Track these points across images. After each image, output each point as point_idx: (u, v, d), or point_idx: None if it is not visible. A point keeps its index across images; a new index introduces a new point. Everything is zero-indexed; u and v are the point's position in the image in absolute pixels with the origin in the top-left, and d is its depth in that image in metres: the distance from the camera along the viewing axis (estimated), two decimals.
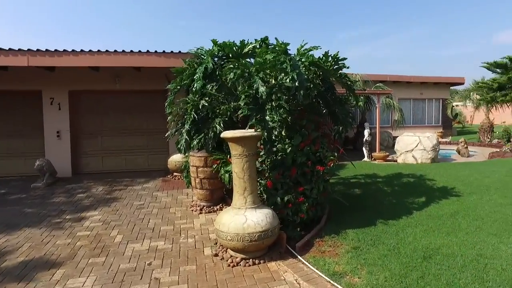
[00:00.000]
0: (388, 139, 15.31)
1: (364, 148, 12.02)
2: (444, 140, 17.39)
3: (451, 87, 19.72)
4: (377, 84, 15.16)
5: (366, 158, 11.91)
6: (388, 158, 11.47)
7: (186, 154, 5.92)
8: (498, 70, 11.64)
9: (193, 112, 4.93)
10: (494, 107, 15.28)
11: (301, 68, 4.50)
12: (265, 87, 4.22)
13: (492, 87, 11.59)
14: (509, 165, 9.50)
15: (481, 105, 15.52)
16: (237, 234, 3.90)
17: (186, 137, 4.92)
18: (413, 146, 10.55)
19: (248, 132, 4.09)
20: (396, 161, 11.14)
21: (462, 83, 18.91)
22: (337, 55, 5.02)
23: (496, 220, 5.08)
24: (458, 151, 12.25)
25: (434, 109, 19.18)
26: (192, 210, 6.07)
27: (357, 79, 14.44)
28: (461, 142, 12.18)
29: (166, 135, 5.41)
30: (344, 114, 5.25)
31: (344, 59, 5.09)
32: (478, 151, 13.50)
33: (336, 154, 4.76)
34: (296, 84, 4.24)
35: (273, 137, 4.36)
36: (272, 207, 4.53)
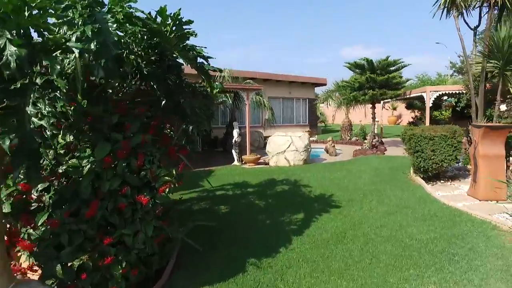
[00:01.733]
0: (259, 139, 14.48)
1: (233, 151, 10.65)
2: (312, 138, 17.71)
3: (315, 88, 20.51)
4: (247, 81, 14.17)
5: (236, 162, 10.57)
6: (259, 161, 10.36)
7: None
8: (357, 70, 11.85)
9: None
10: (352, 107, 16.12)
11: (111, 23, 2.50)
12: (16, 47, 2.04)
13: (353, 87, 11.71)
14: (372, 163, 9.42)
15: (342, 104, 16.20)
16: None
17: None
18: (285, 147, 9.64)
19: None
20: (268, 164, 10.10)
21: (325, 84, 19.82)
22: (179, 14, 3.20)
23: (387, 239, 4.06)
24: (327, 150, 12.07)
25: (302, 108, 19.55)
26: None
27: (224, 75, 13.12)
28: (329, 141, 12.03)
29: None
30: (193, 108, 3.45)
31: (190, 22, 3.31)
32: (343, 149, 13.79)
33: (175, 172, 2.90)
34: (92, 47, 2.25)
35: (45, 147, 2.24)
36: (55, 282, 2.39)
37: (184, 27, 3.31)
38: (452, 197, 5.93)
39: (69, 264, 2.36)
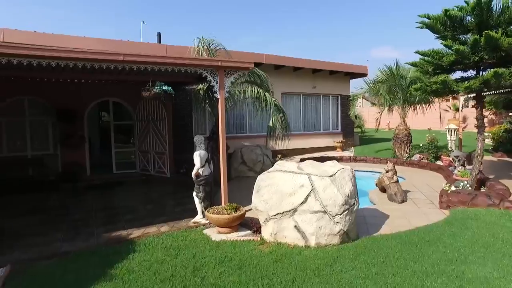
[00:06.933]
0: (262, 159, 8.85)
1: (194, 194, 5.13)
2: (346, 154, 11.84)
3: (351, 80, 14.58)
4: None
5: (199, 217, 5.08)
6: (243, 224, 4.75)
7: None
8: (447, 31, 5.93)
9: None
10: (421, 107, 10.21)
11: None
12: None
13: (439, 64, 5.82)
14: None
15: (399, 102, 10.30)
16: None
17: None
18: (298, 201, 3.97)
19: None
20: (259, 232, 4.44)
21: (366, 74, 13.83)
22: None
23: None
24: (382, 189, 6.27)
25: (332, 109, 13.68)
26: None
27: (197, 46, 7.55)
28: (387, 172, 6.18)
29: None
30: None
31: None
32: (407, 178, 7.88)
33: None
34: None
35: None
36: None
37: None
38: None
39: None
